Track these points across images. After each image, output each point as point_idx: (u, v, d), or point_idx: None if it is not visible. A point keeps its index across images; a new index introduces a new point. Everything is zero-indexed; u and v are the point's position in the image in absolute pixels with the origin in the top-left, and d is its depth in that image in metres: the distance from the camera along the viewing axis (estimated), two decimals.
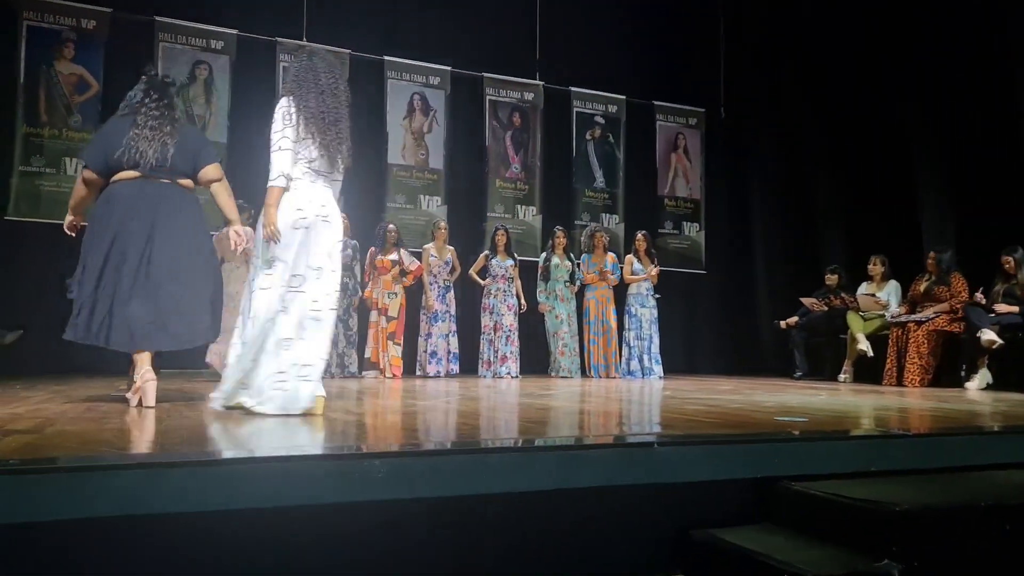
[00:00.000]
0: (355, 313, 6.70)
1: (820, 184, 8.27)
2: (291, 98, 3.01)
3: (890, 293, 6.70)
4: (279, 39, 7.34)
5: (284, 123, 2.96)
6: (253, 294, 2.97)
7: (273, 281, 2.93)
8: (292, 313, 2.91)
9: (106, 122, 3.39)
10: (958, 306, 5.85)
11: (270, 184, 2.95)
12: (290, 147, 2.95)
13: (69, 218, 3.37)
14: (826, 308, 7.12)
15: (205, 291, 3.23)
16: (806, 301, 7.30)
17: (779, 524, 2.06)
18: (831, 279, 7.28)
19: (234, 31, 7.15)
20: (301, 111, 2.98)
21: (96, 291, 3.04)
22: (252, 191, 6.94)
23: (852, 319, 6.68)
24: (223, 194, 3.35)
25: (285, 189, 2.94)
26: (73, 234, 3.36)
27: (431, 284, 6.97)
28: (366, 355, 6.71)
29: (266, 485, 1.68)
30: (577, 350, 7.42)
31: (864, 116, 7.69)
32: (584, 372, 7.37)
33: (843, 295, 7.05)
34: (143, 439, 2.33)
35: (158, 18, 6.92)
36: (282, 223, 2.91)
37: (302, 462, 1.80)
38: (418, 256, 7.04)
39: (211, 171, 3.31)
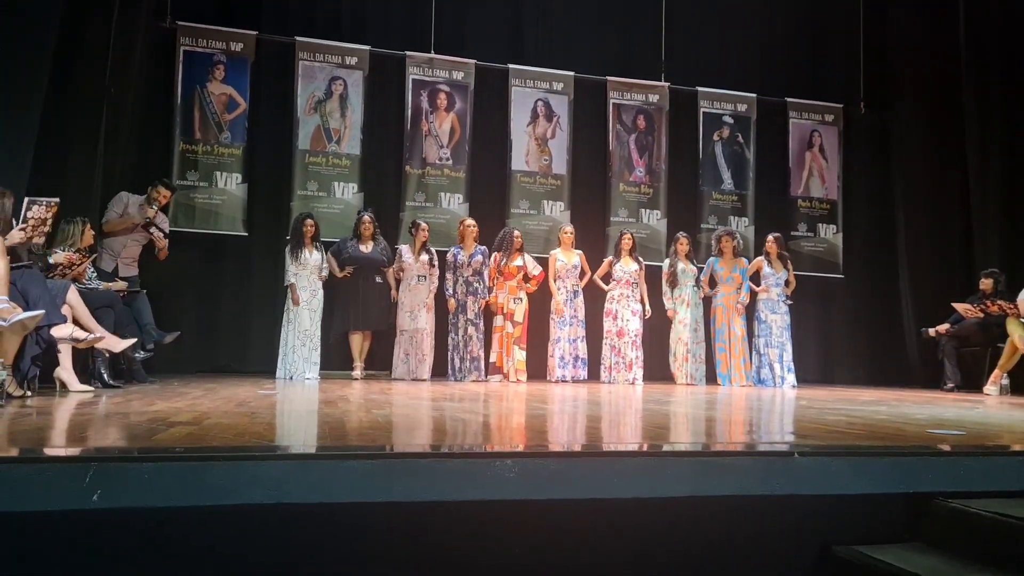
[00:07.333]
0: (483, 316, 6.84)
1: (975, 182, 7.63)
2: None
3: None
4: (408, 53, 7.60)
5: None
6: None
7: None
8: None
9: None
10: None
11: None
12: None
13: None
14: (982, 315, 6.57)
15: None
16: (959, 307, 6.76)
17: (933, 544, 1.92)
18: (986, 283, 6.71)
19: (366, 47, 7.47)
20: None
21: None
22: (384, 198, 7.34)
23: (1013, 326, 6.13)
24: None
25: None
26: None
27: (559, 289, 7.00)
28: (491, 359, 6.81)
29: (399, 480, 1.74)
30: (703, 357, 7.22)
31: None
32: (712, 380, 7.16)
33: (1000, 301, 6.47)
34: (291, 434, 2.47)
35: (298, 38, 7.33)
36: None
37: (442, 459, 1.84)
38: (543, 262, 7.07)
39: None
